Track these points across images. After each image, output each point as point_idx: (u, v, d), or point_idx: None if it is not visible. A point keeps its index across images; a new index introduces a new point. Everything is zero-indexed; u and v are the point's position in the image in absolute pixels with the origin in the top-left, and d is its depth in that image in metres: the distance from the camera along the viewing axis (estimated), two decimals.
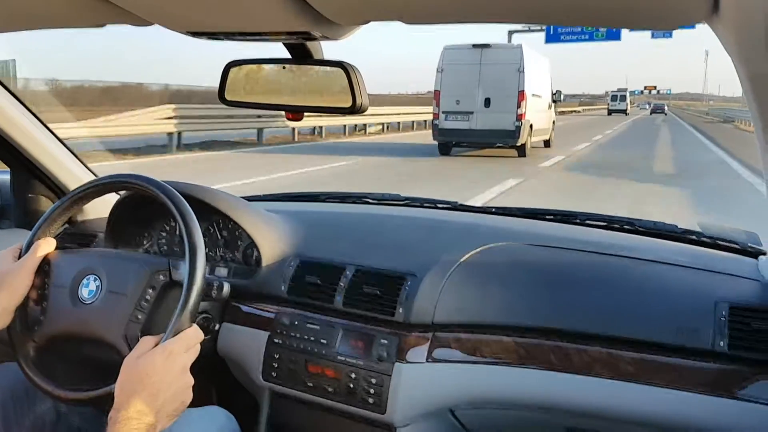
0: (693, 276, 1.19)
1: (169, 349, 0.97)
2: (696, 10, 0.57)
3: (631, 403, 1.08)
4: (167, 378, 0.93)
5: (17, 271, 1.12)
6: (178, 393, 0.94)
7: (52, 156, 1.58)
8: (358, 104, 0.99)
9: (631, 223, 1.44)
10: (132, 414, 0.88)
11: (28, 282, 1.12)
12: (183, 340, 1.00)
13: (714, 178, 10.71)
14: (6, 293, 1.09)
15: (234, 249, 1.49)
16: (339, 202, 1.78)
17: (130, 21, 0.80)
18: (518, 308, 1.19)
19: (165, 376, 0.93)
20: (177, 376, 0.95)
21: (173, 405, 0.93)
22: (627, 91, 67.04)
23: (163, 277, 1.13)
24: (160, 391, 0.92)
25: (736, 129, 28.70)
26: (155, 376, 0.92)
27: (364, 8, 0.70)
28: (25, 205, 1.63)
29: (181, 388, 0.95)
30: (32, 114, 1.52)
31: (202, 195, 1.39)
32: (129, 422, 0.87)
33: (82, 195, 1.24)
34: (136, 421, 0.88)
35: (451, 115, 13.66)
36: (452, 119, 13.67)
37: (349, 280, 1.28)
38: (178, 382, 0.95)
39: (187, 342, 1.00)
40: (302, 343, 1.26)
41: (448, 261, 1.26)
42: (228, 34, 0.84)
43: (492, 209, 1.63)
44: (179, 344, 0.98)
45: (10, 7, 0.83)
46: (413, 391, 1.17)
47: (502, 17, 0.67)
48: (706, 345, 1.05)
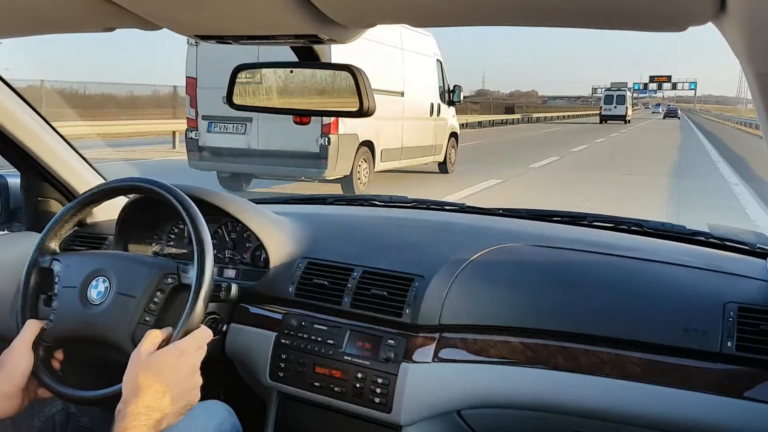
0: (701, 277, 1.19)
1: (181, 347, 0.98)
2: (703, 10, 0.57)
3: (638, 404, 1.07)
4: (177, 376, 0.95)
5: (8, 353, 1.08)
6: (186, 392, 0.96)
7: (62, 160, 1.59)
8: (366, 107, 0.99)
9: (639, 224, 1.44)
10: (141, 409, 0.89)
11: (26, 362, 1.07)
12: (194, 339, 1.01)
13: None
14: (3, 377, 1.05)
15: (242, 251, 1.50)
16: (346, 205, 1.79)
17: (138, 25, 0.81)
18: (525, 309, 1.18)
19: (175, 374, 0.95)
20: (187, 374, 0.96)
21: (181, 403, 0.94)
22: (626, 89, 49.40)
23: (172, 280, 1.14)
24: (170, 388, 0.93)
25: None
26: (166, 373, 0.94)
27: (372, 11, 0.71)
28: (36, 208, 1.65)
29: (189, 387, 0.96)
30: (42, 118, 1.54)
31: (210, 198, 1.40)
32: (138, 417, 0.88)
33: (92, 198, 1.26)
34: (144, 417, 0.89)
35: (218, 124, 8.06)
36: (219, 131, 8.07)
37: (356, 281, 1.28)
38: (188, 380, 0.96)
39: (197, 341, 1.01)
40: (309, 344, 1.27)
41: (455, 262, 1.26)
42: (236, 38, 0.84)
43: (499, 210, 1.63)
44: (190, 343, 1.00)
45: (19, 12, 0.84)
46: (419, 391, 1.17)
47: (507, 20, 0.67)
48: (715, 346, 1.05)
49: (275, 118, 7.01)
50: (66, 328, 1.14)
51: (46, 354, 1.14)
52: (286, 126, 7.29)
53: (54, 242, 1.23)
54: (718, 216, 6.86)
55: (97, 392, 1.08)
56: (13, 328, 1.15)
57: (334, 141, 7.72)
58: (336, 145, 7.76)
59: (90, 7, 0.77)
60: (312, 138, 7.64)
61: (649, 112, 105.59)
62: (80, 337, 1.15)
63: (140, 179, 1.24)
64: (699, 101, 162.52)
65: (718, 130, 34.38)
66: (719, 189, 9.94)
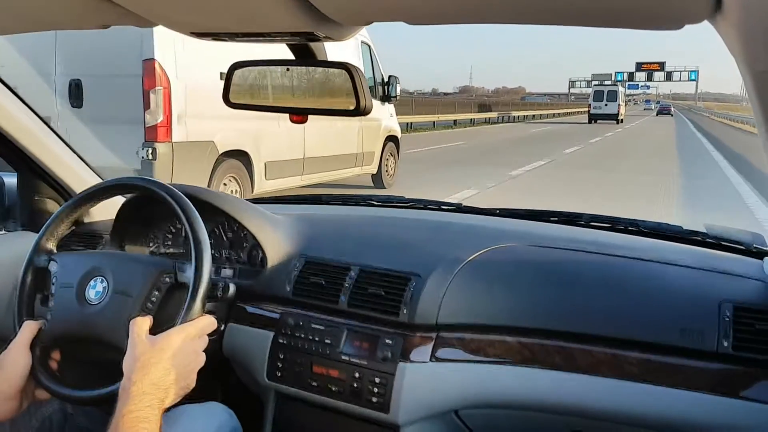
0: (697, 277, 1.19)
1: (186, 330, 1.01)
2: (698, 9, 0.57)
3: (635, 404, 1.07)
4: (182, 355, 0.97)
5: (6, 355, 1.08)
6: (187, 374, 0.98)
7: (58, 159, 1.59)
8: (362, 106, 1.00)
9: (635, 224, 1.44)
10: (146, 388, 0.90)
11: (24, 363, 1.07)
12: (198, 323, 1.04)
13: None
14: (1, 379, 1.05)
15: (239, 250, 1.50)
16: (342, 204, 1.79)
17: (134, 22, 0.81)
18: (522, 309, 1.19)
19: (180, 353, 0.97)
20: (190, 355, 0.99)
21: (181, 384, 0.96)
22: (618, 86, 43.61)
23: (169, 279, 1.14)
24: (175, 366, 0.95)
25: None
26: (171, 351, 0.96)
27: (368, 9, 0.71)
28: (32, 207, 1.65)
29: (191, 369, 0.99)
30: (38, 117, 1.53)
31: (207, 197, 1.40)
32: (142, 398, 0.89)
33: (89, 197, 1.26)
34: (149, 397, 0.90)
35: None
36: None
37: (353, 280, 1.28)
38: (191, 362, 0.99)
39: (203, 327, 1.05)
40: (307, 343, 1.27)
41: (452, 262, 1.26)
42: (231, 35, 0.84)
43: (496, 211, 1.63)
44: (195, 327, 1.03)
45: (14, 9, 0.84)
46: (417, 391, 1.17)
47: (503, 17, 0.67)
48: (711, 346, 1.05)
49: (80, 114, 5.25)
50: (63, 327, 1.14)
51: (43, 354, 1.13)
52: (101, 130, 5.06)
53: (51, 241, 1.23)
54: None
55: (95, 392, 1.08)
56: (10, 328, 1.15)
57: (163, 153, 5.12)
58: (168, 159, 5.15)
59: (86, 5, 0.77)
60: (129, 148, 5.08)
61: (640, 109, 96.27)
62: (77, 337, 1.15)
63: (137, 178, 1.25)
64: (698, 98, 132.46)
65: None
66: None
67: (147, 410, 0.88)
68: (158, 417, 0.90)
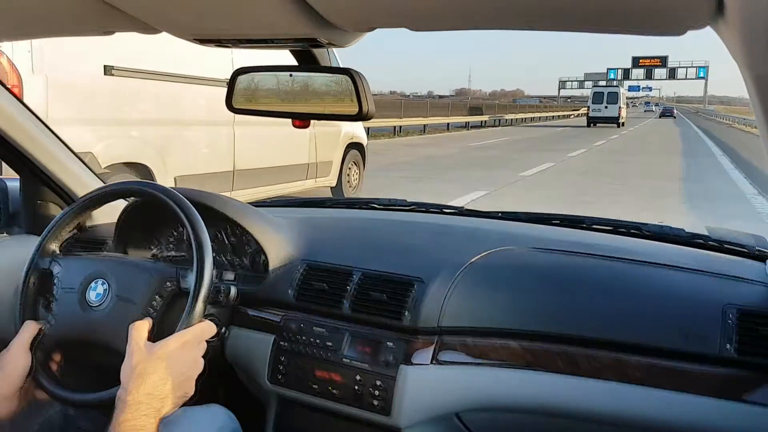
0: (700, 280, 1.19)
1: (184, 337, 1.00)
2: (700, 14, 0.57)
3: (638, 408, 1.07)
4: (179, 363, 0.96)
5: (6, 355, 1.08)
6: (185, 381, 0.97)
7: (61, 163, 1.59)
8: (365, 111, 1.00)
9: (637, 227, 1.44)
10: (142, 397, 0.90)
11: (23, 364, 1.07)
12: (197, 330, 1.03)
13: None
14: (0, 379, 1.05)
15: (242, 254, 1.50)
16: (345, 208, 1.79)
17: (137, 28, 0.82)
18: (525, 313, 1.18)
19: (178, 362, 0.96)
20: (188, 363, 0.98)
21: (179, 392, 0.95)
22: (619, 88, 42.33)
23: (171, 286, 1.14)
24: (172, 375, 0.94)
25: None
26: (168, 360, 0.95)
27: (371, 15, 0.71)
28: (35, 212, 1.65)
29: (189, 376, 0.98)
30: (41, 122, 1.54)
31: (209, 201, 1.40)
32: (139, 407, 0.89)
33: (91, 201, 1.26)
34: (145, 406, 0.89)
35: None
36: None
37: (356, 285, 1.28)
38: (189, 370, 0.98)
39: (201, 334, 1.03)
40: (309, 347, 1.27)
41: (454, 265, 1.26)
42: (235, 41, 0.85)
43: (498, 214, 1.63)
44: (193, 333, 1.02)
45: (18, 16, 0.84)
46: (419, 394, 1.17)
47: (505, 23, 0.67)
48: (714, 350, 1.05)
49: None
50: (64, 330, 1.14)
51: (44, 356, 1.14)
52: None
53: (54, 244, 1.23)
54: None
55: (95, 395, 1.08)
56: (12, 332, 1.15)
57: None
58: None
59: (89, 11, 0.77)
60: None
61: (640, 111, 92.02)
62: (78, 340, 1.15)
63: (139, 183, 1.25)
64: (707, 101, 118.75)
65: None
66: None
67: (143, 419, 0.88)
68: (155, 426, 0.90)
